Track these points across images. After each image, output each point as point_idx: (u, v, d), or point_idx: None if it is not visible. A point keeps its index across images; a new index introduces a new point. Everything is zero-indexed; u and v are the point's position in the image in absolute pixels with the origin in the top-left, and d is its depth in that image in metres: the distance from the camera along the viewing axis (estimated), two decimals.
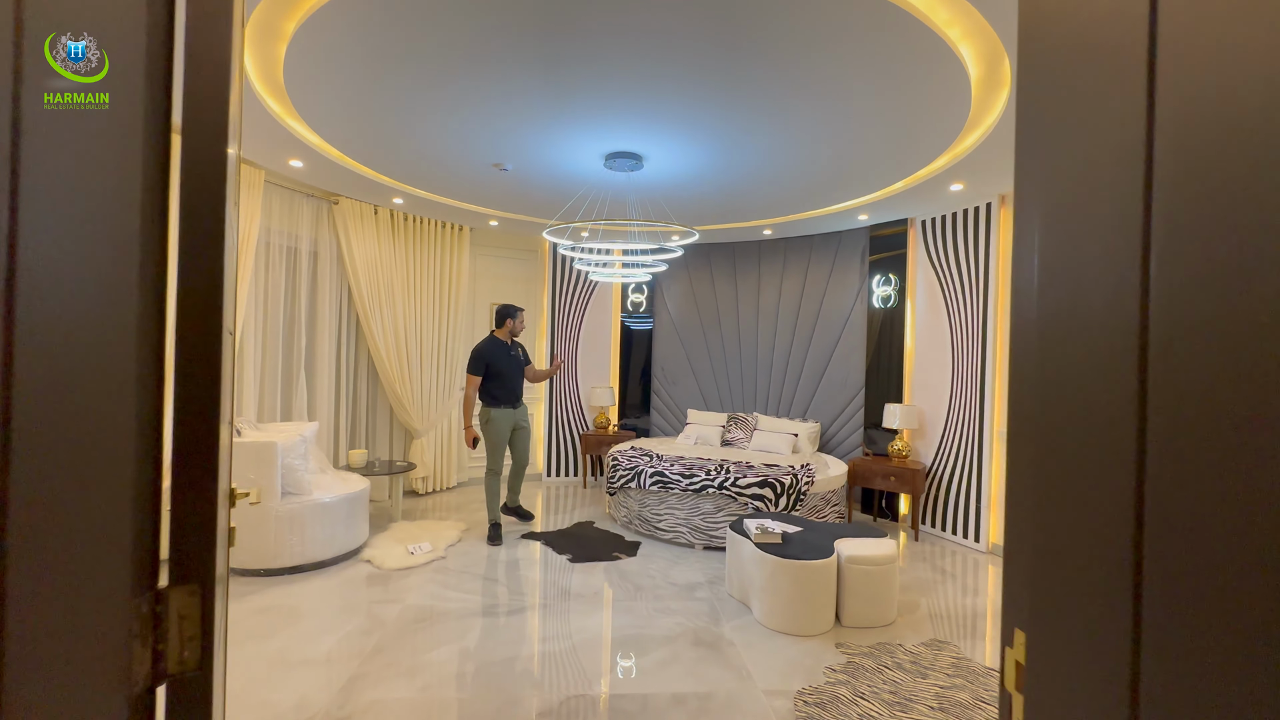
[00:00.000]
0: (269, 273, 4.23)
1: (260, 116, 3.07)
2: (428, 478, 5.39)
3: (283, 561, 3.38)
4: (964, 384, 4.42)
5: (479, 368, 4.07)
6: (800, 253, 5.64)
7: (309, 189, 4.43)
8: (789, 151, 3.44)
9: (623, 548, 4.08)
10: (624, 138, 3.30)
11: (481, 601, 3.14)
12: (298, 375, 4.43)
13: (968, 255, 4.41)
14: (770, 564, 2.93)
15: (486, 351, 4.12)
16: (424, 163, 3.86)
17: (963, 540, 4.39)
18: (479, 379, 4.08)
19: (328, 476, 3.78)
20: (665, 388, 6.23)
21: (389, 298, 4.99)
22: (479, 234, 5.78)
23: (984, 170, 3.58)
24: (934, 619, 3.12)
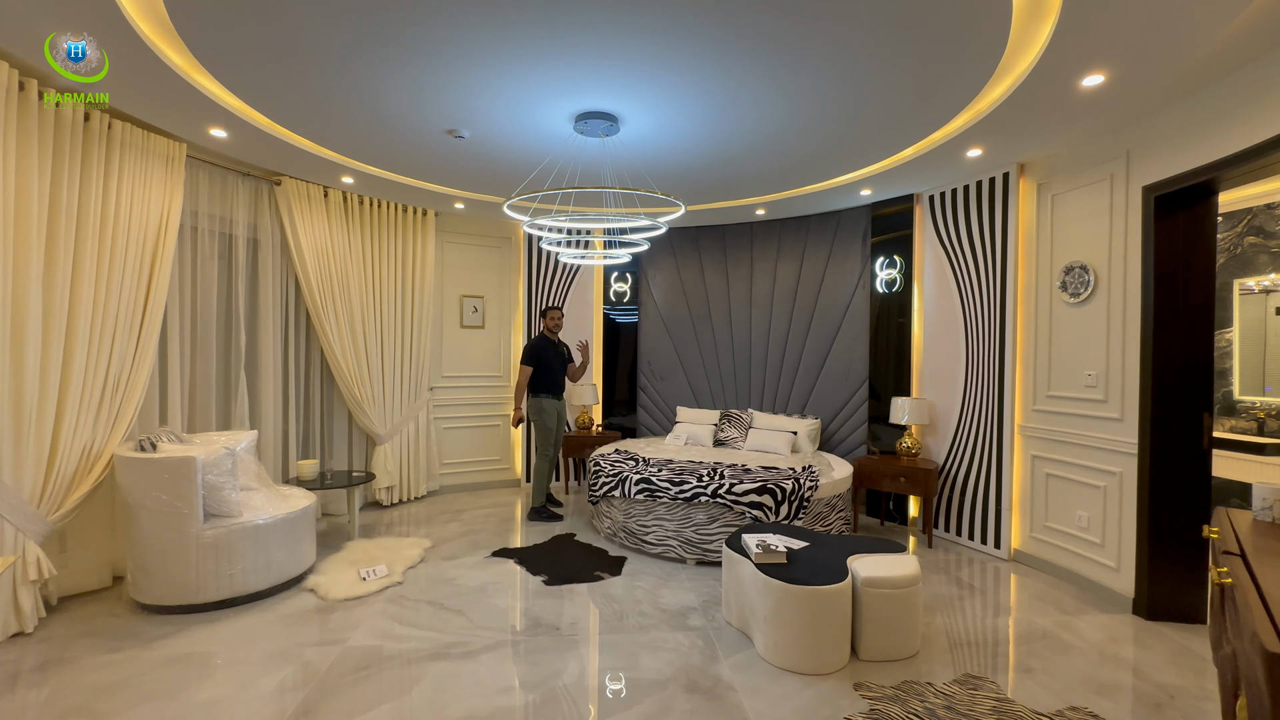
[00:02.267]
0: (199, 262, 3.72)
1: (148, 63, 2.55)
2: (393, 488, 4.91)
3: (205, 595, 2.90)
4: (980, 374, 4.00)
5: (529, 359, 4.62)
6: (796, 235, 5.20)
7: (244, 166, 3.91)
8: (790, 110, 2.99)
9: (606, 565, 3.63)
10: (596, 93, 2.82)
11: (438, 639, 2.68)
12: (236, 378, 3.92)
13: (982, 232, 3.99)
14: (776, 590, 2.49)
15: (534, 346, 4.68)
16: (370, 132, 3.37)
17: (981, 546, 3.98)
18: (529, 369, 4.61)
19: (262, 494, 3.29)
20: (652, 384, 5.78)
21: (343, 290, 4.49)
22: (445, 219, 5.28)
23: (1009, 131, 3.15)
24: (962, 647, 2.70)
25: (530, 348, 4.66)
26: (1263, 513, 1.71)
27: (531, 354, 4.62)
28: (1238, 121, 2.55)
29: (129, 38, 2.34)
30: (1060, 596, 3.26)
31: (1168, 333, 2.95)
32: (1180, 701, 2.30)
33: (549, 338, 4.75)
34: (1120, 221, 3.15)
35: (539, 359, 4.62)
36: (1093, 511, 3.30)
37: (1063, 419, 3.49)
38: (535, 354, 4.62)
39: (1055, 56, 2.32)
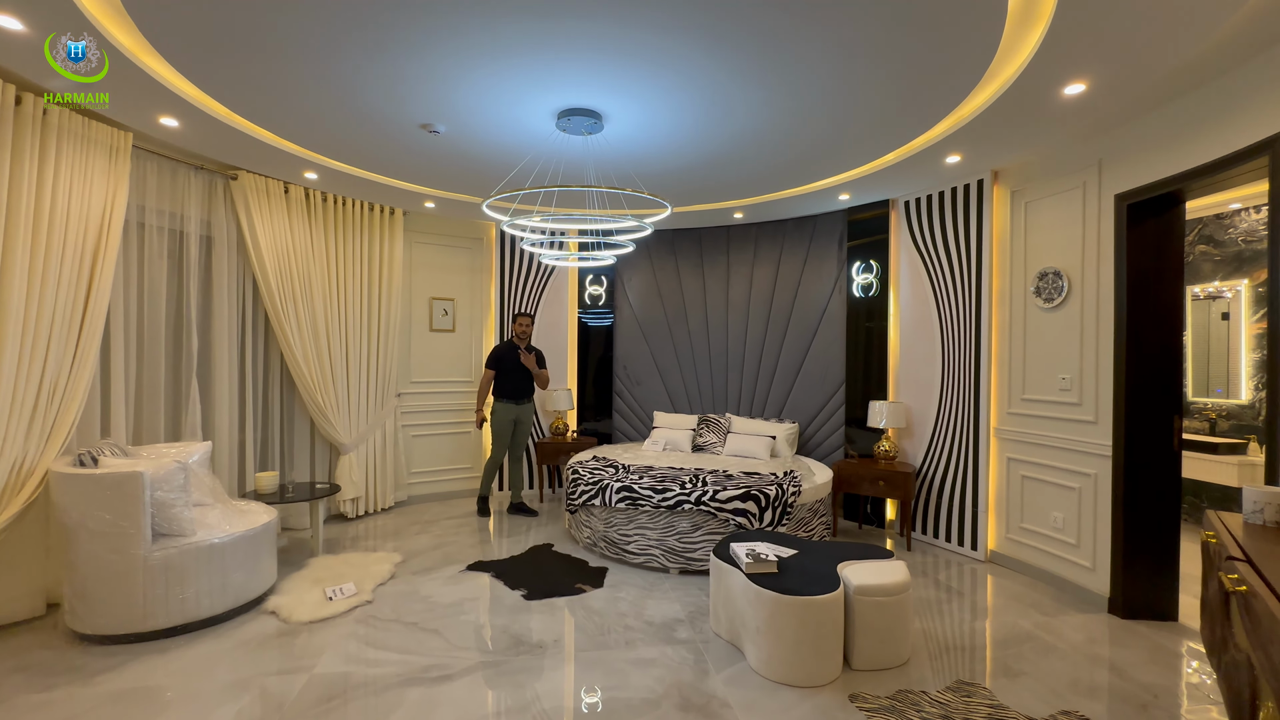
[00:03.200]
0: (147, 261, 3.45)
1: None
2: (358, 499, 4.68)
3: (155, 622, 2.66)
4: (956, 378, 4.06)
5: (490, 363, 4.80)
6: (772, 239, 5.20)
7: (196, 158, 3.66)
8: (779, 111, 2.95)
9: (586, 576, 3.52)
10: (581, 88, 2.73)
11: (413, 663, 2.52)
12: (188, 386, 3.66)
13: (957, 237, 4.05)
14: (769, 601, 2.43)
15: (497, 351, 4.82)
16: (338, 124, 3.19)
17: (958, 548, 4.03)
18: (491, 373, 4.78)
19: (218, 510, 3.06)
20: (629, 389, 5.69)
21: (305, 291, 4.25)
22: (414, 219, 5.09)
23: (989, 139, 3.18)
24: (950, 652, 2.69)
25: (493, 352, 4.82)
26: (1254, 515, 1.73)
27: (492, 358, 4.80)
28: (1205, 134, 2.63)
29: (66, 12, 2.13)
30: (1038, 597, 3.30)
31: (1139, 337, 3.03)
32: (1163, 700, 2.33)
33: (514, 342, 4.82)
34: (1093, 228, 3.22)
35: (499, 363, 4.77)
36: (1067, 512, 3.37)
37: (1037, 422, 3.55)
38: (495, 358, 4.79)
39: (1042, 64, 2.34)
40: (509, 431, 4.80)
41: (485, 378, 4.77)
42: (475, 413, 4.82)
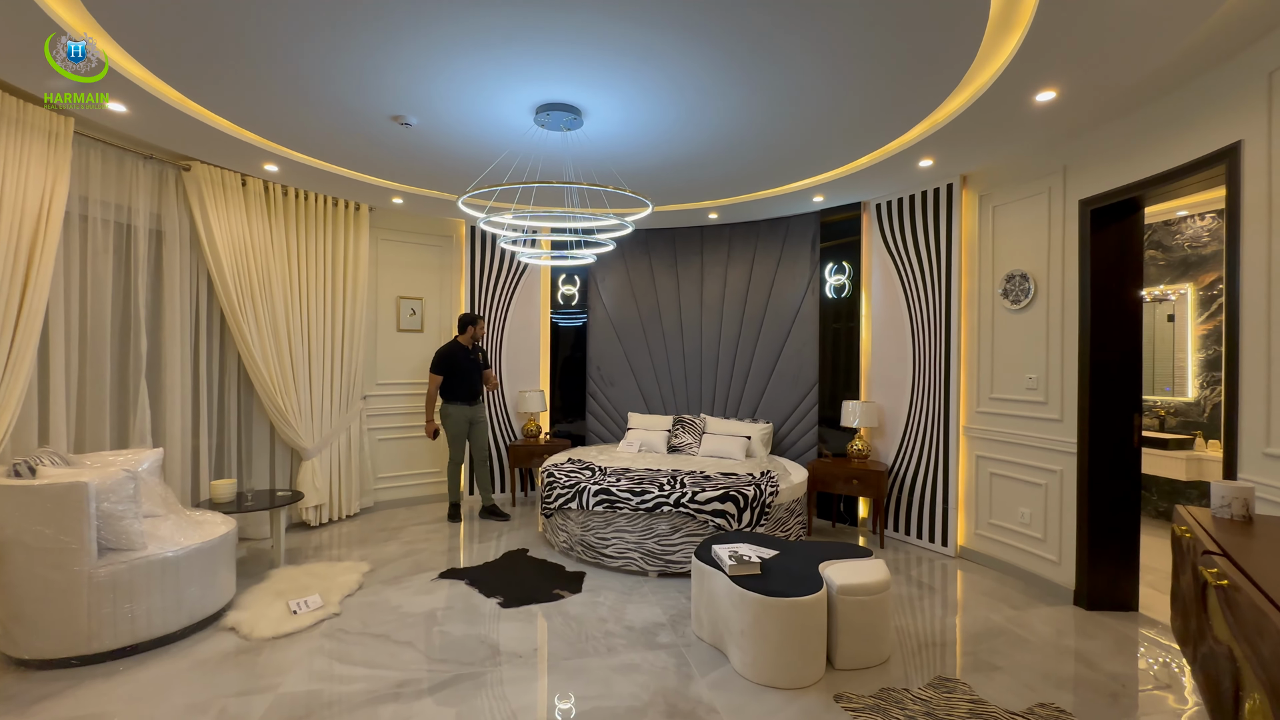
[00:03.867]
0: (90, 256, 3.23)
1: (23, 15, 2.15)
2: (321, 506, 4.49)
3: (102, 644, 2.48)
4: (926, 377, 4.14)
5: (441, 368, 4.56)
6: (746, 240, 5.22)
7: (146, 147, 3.44)
8: (760, 111, 2.94)
9: (564, 582, 3.45)
10: (561, 82, 2.66)
11: (387, 678, 2.41)
12: (136, 389, 3.43)
13: (928, 240, 4.13)
14: (754, 604, 2.42)
15: (448, 353, 4.60)
16: (302, 114, 3.04)
17: (929, 545, 4.11)
18: (440, 378, 4.57)
19: (170, 521, 2.87)
20: (602, 390, 5.63)
21: (264, 290, 4.05)
22: (381, 215, 4.92)
23: (962, 143, 3.25)
24: (928, 648, 2.73)
25: (442, 356, 4.59)
26: (1222, 510, 1.79)
27: (444, 362, 4.57)
28: (1164, 142, 2.74)
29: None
30: (1008, 592, 3.39)
31: (1102, 337, 3.14)
32: (1131, 689, 2.41)
33: (462, 344, 4.67)
34: (1058, 232, 3.33)
35: (451, 366, 4.58)
36: (1034, 508, 3.47)
37: (1005, 420, 3.65)
38: (448, 362, 4.58)
39: (1017, 70, 2.39)
40: (465, 434, 4.71)
41: (434, 383, 4.56)
42: (426, 423, 4.62)
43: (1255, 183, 2.28)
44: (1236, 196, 2.36)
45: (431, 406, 4.58)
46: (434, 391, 4.56)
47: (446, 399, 4.61)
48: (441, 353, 4.60)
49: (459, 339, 4.70)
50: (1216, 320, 4.44)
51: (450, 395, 4.61)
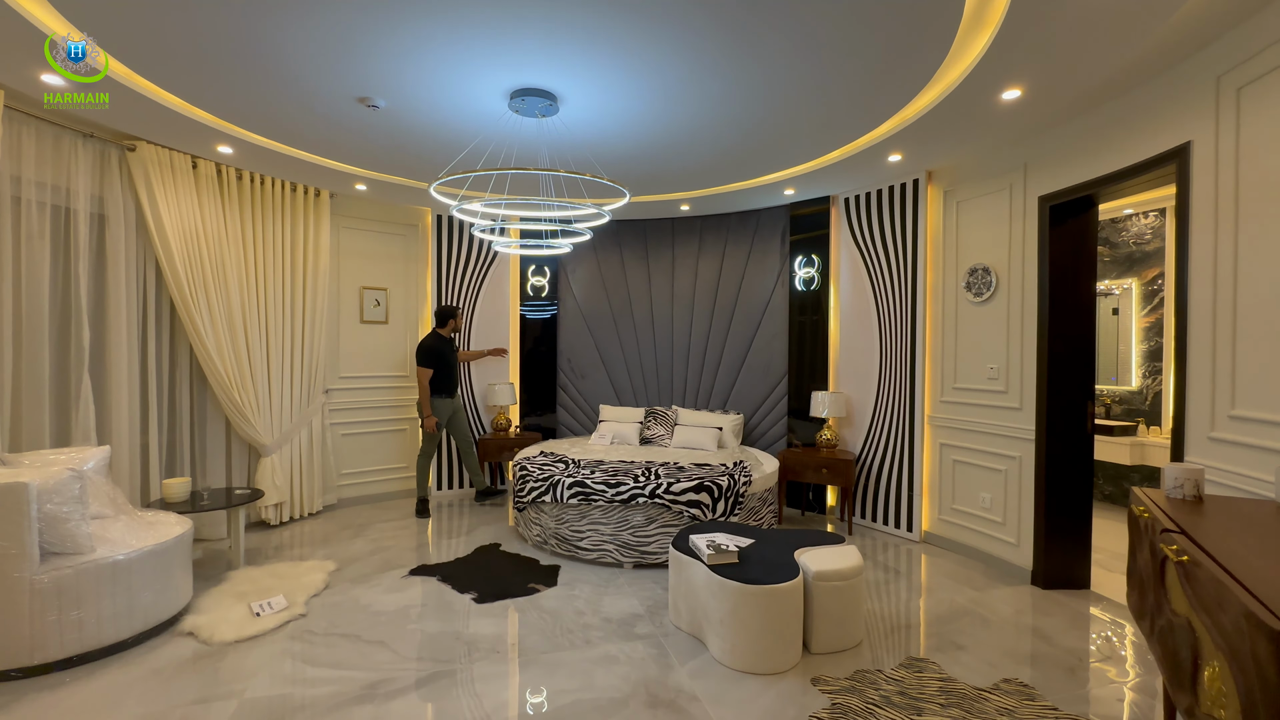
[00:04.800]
0: (24, 240, 3.01)
1: None
2: (282, 504, 4.32)
3: (46, 654, 2.33)
4: (893, 368, 4.25)
5: (432, 361, 4.51)
6: (717, 232, 5.24)
7: (85, 125, 3.22)
8: (736, 102, 2.94)
9: (539, 575, 3.42)
10: (536, 67, 2.60)
11: (360, 679, 2.34)
12: (78, 383, 3.23)
13: (894, 234, 4.23)
14: (732, 592, 2.44)
15: (437, 347, 4.56)
16: (261, 92, 2.89)
17: (895, 530, 4.23)
18: (431, 371, 4.51)
19: (121, 523, 2.71)
20: (573, 382, 5.58)
21: (218, 279, 3.86)
22: (343, 202, 4.74)
23: (929, 140, 3.33)
24: (898, 630, 2.82)
25: (430, 349, 4.55)
26: (1175, 490, 1.90)
27: (433, 355, 4.54)
28: (1119, 142, 2.87)
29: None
30: (969, 574, 3.52)
31: (1059, 329, 3.27)
32: (1086, 662, 2.54)
33: (444, 336, 4.68)
34: (1019, 227, 3.45)
35: (442, 359, 4.57)
36: (995, 493, 3.61)
37: (968, 409, 3.78)
38: (437, 355, 4.55)
39: (986, 68, 2.45)
40: (444, 427, 4.73)
41: (424, 376, 4.50)
42: (426, 418, 4.52)
43: (1203, 181, 2.41)
44: (1186, 194, 2.48)
45: (427, 400, 4.51)
46: (426, 385, 4.50)
47: (431, 393, 4.56)
48: (428, 346, 4.54)
49: (440, 331, 4.66)
50: (1159, 314, 4.69)
51: (435, 389, 4.57)
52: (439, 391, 4.60)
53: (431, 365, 4.52)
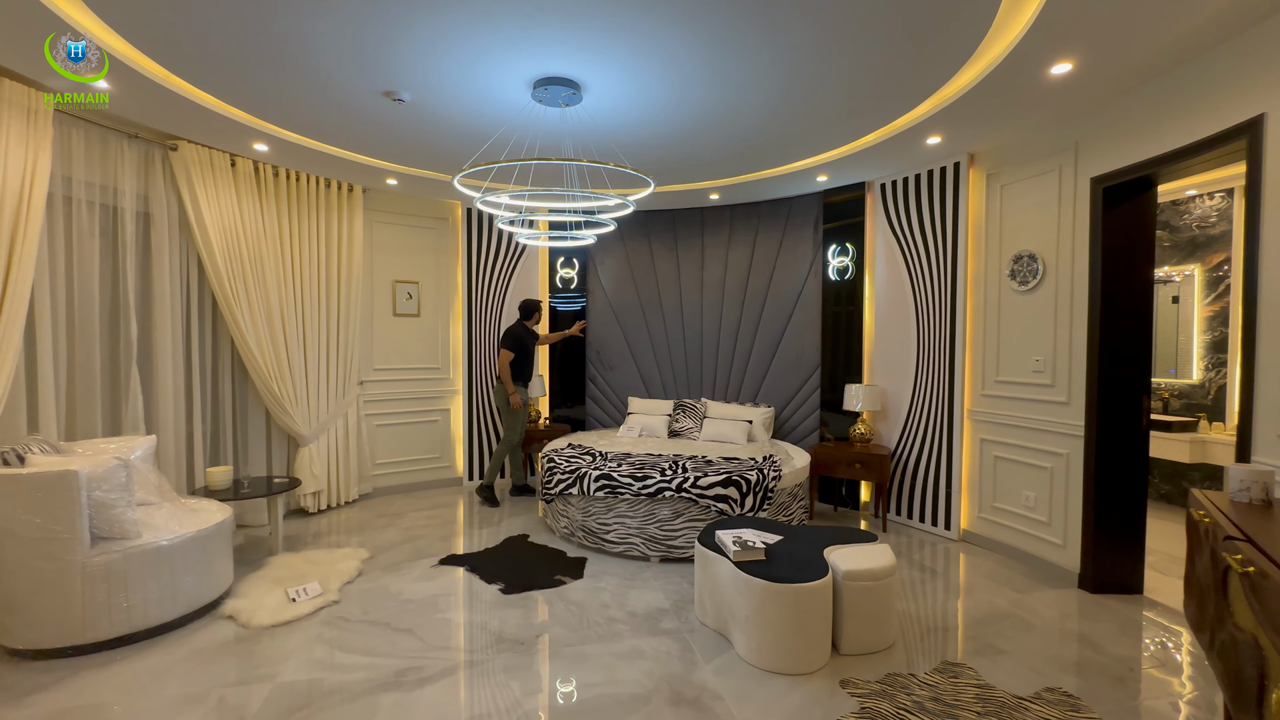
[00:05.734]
0: (76, 239, 3.14)
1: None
2: (319, 493, 4.45)
3: (97, 634, 2.44)
4: (931, 361, 4.09)
5: (513, 345, 4.66)
6: (747, 221, 5.13)
7: (130, 126, 3.34)
8: (763, 86, 2.85)
9: (565, 568, 3.42)
10: (559, 55, 2.56)
11: (387, 666, 2.39)
12: (127, 375, 3.37)
13: (933, 220, 4.05)
14: (758, 590, 2.38)
15: (519, 334, 4.73)
16: (292, 90, 2.94)
17: (931, 528, 4.09)
18: (512, 355, 4.65)
19: (165, 509, 2.83)
20: (602, 374, 5.57)
21: (257, 273, 3.97)
22: (375, 197, 4.81)
23: (971, 120, 3.16)
24: (933, 633, 2.71)
25: (511, 334, 4.70)
26: (1240, 494, 1.75)
27: (516, 339, 4.68)
28: (1181, 117, 2.66)
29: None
30: (1011, 575, 3.37)
31: (1112, 319, 3.08)
32: (1137, 672, 2.39)
33: (529, 329, 4.81)
34: (1069, 211, 3.25)
35: (522, 345, 4.71)
36: (1039, 491, 3.44)
37: (1011, 403, 3.60)
38: (519, 340, 4.69)
39: (1033, 42, 2.30)
40: (525, 416, 4.81)
41: (506, 357, 4.62)
42: (512, 394, 4.64)
43: (1278, 157, 2.21)
44: (1258, 172, 2.28)
45: (510, 379, 4.62)
46: (507, 365, 4.61)
47: (518, 379, 4.70)
48: (514, 332, 4.69)
49: (525, 323, 4.81)
50: (1224, 302, 4.39)
51: (515, 376, 4.70)
52: (516, 379, 4.73)
53: (513, 349, 4.64)
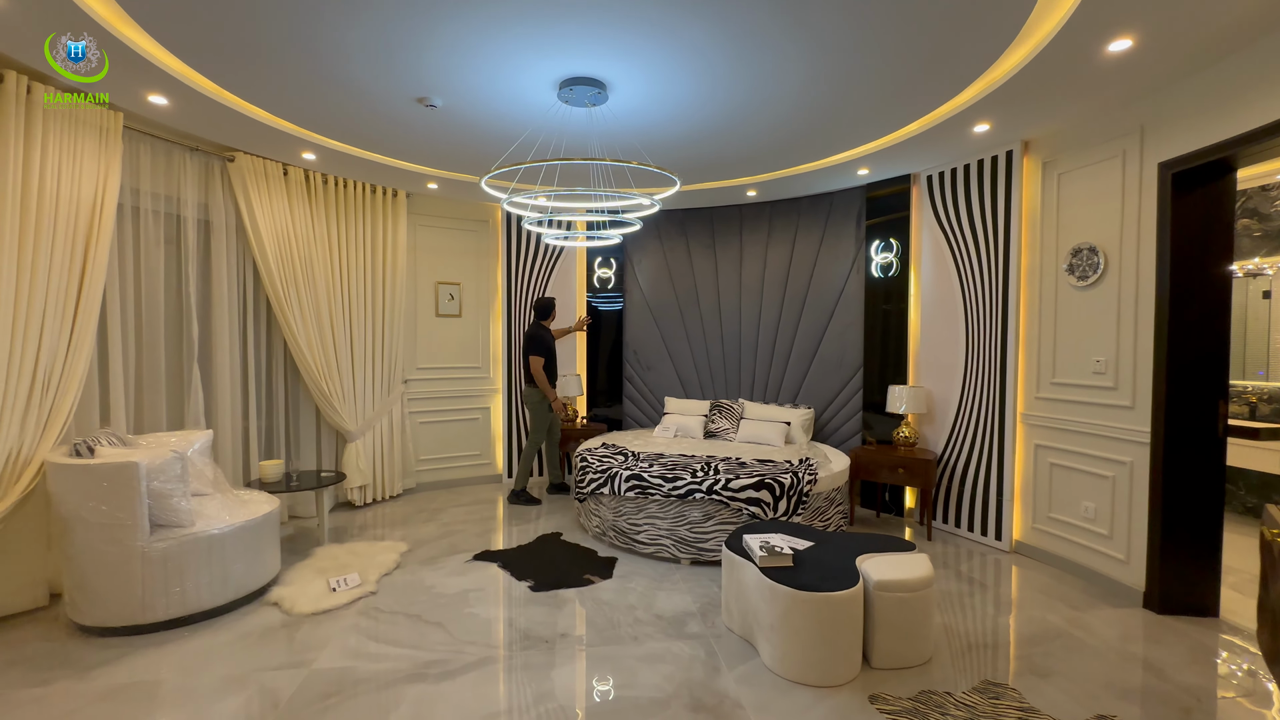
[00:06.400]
0: (142, 246, 3.37)
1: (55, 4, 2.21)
2: (366, 487, 4.62)
3: (155, 615, 2.61)
4: (980, 361, 3.87)
5: (543, 350, 4.66)
6: (787, 218, 5.00)
7: (191, 140, 3.56)
8: (793, 77, 2.76)
9: (595, 567, 3.43)
10: (583, 55, 2.56)
11: (415, 658, 2.45)
12: (189, 373, 3.59)
13: (984, 213, 3.83)
14: (783, 597, 2.31)
15: (546, 336, 4.73)
16: (332, 99, 3.06)
17: (981, 538, 3.87)
18: (543, 360, 4.64)
19: (217, 500, 3.00)
20: (639, 374, 5.56)
21: (307, 277, 4.16)
22: (418, 201, 4.96)
23: (1022, 104, 2.97)
24: (975, 650, 2.56)
25: (539, 339, 4.67)
26: None
27: (543, 344, 4.68)
28: (1259, 94, 2.40)
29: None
30: (1067, 590, 3.15)
31: (1184, 316, 2.82)
32: (1207, 704, 2.18)
33: (546, 328, 4.78)
34: (1133, 200, 3.00)
35: (549, 347, 4.72)
36: (1100, 502, 3.19)
37: (1068, 407, 3.37)
38: (545, 343, 4.70)
39: (1085, 16, 2.13)
40: (549, 417, 4.79)
41: (539, 363, 4.59)
42: (554, 400, 4.68)
43: None
44: None
45: (547, 385, 4.61)
46: (542, 371, 4.60)
47: (534, 382, 4.65)
48: (540, 338, 4.67)
49: (543, 324, 4.79)
50: None
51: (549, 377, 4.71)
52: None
53: (541, 354, 4.63)
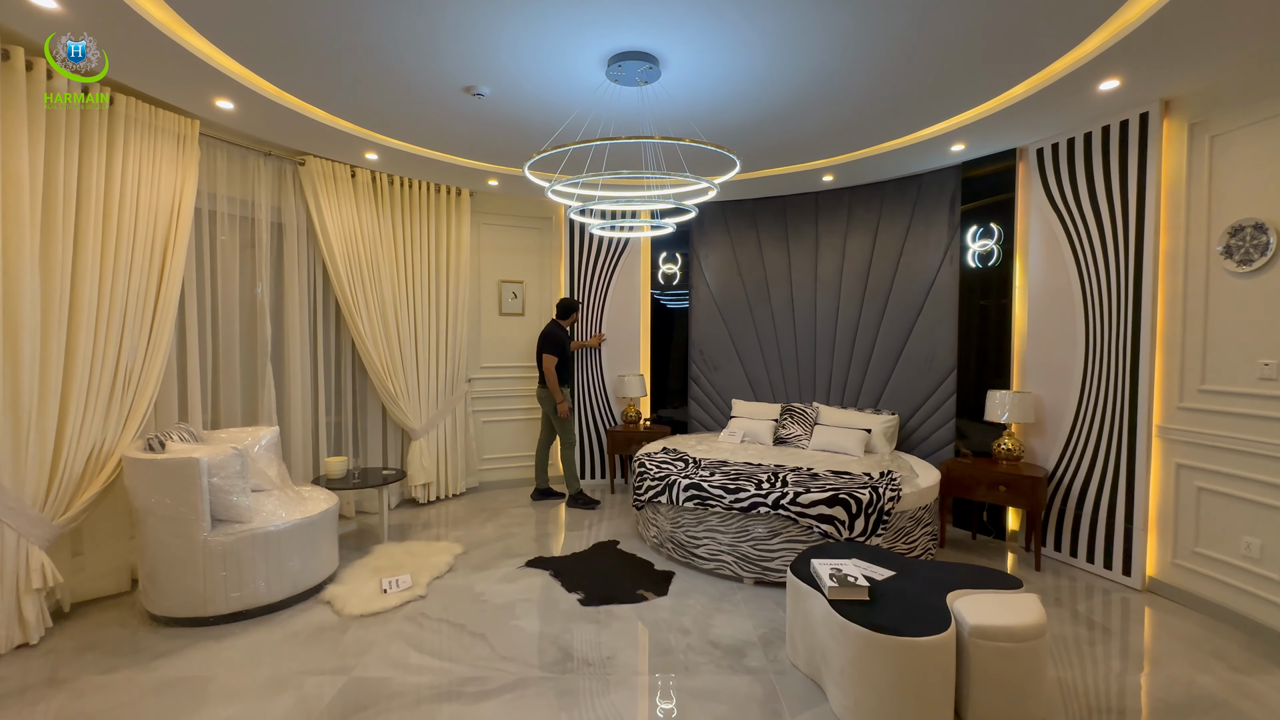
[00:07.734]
0: (218, 248, 3.51)
1: (122, 18, 2.25)
2: (429, 485, 4.66)
3: (215, 608, 2.67)
4: (1104, 364, 3.29)
5: (559, 350, 4.52)
6: (868, 204, 4.55)
7: (264, 145, 3.67)
8: (867, 41, 2.41)
9: (650, 582, 3.20)
10: (632, 26, 2.34)
11: (453, 673, 2.33)
12: (263, 371, 3.72)
13: (1109, 190, 3.25)
14: (855, 638, 1.99)
15: (564, 336, 4.61)
16: (383, 94, 3.03)
17: (1105, 571, 3.30)
18: (557, 359, 4.51)
19: (276, 497, 3.04)
20: (705, 374, 5.28)
21: (373, 277, 4.22)
22: (481, 199, 4.95)
23: (1164, 52, 2.44)
24: (1101, 714, 2.11)
25: (555, 338, 4.54)
26: None
27: (559, 344, 4.54)
28: None
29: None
30: (1222, 644, 2.57)
31: None
32: None
33: (563, 328, 4.67)
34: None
35: (564, 348, 4.59)
36: (1267, 537, 2.59)
37: (1223, 420, 2.76)
38: (562, 344, 4.56)
39: None
40: (563, 420, 4.65)
41: (552, 363, 4.46)
42: (560, 402, 4.52)
43: None
44: None
45: (557, 387, 4.50)
46: (553, 371, 4.48)
47: (561, 382, 4.56)
48: (556, 336, 4.55)
49: (561, 323, 4.66)
50: None
51: (563, 379, 4.59)
52: (563, 382, 4.60)
53: (558, 354, 4.50)
